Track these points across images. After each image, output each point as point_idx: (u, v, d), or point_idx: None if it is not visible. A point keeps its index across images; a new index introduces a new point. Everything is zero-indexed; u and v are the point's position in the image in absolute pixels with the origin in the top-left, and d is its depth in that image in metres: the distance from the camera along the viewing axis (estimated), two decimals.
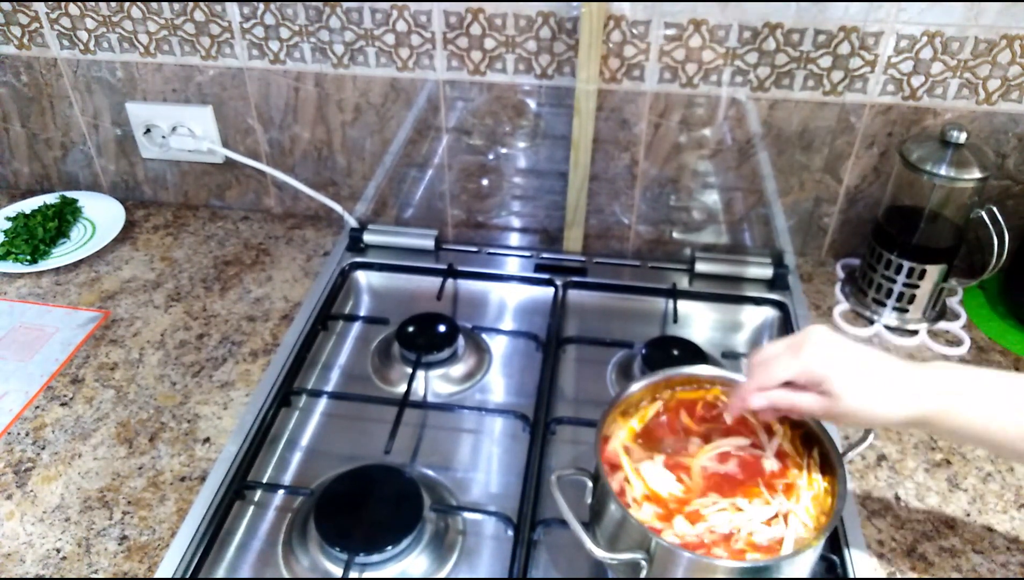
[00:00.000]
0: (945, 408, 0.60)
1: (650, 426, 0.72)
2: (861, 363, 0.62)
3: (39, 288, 1.08)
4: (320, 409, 0.92)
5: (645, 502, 0.65)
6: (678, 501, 0.65)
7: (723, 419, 0.72)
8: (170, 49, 1.10)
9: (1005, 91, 0.95)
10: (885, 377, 0.61)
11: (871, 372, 0.61)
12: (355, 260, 1.11)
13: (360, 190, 1.17)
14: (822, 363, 0.61)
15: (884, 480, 0.82)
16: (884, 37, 0.93)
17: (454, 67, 1.03)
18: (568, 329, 1.03)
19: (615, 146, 1.06)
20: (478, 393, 0.95)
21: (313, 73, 1.07)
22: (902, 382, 0.61)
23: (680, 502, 0.65)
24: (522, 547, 0.74)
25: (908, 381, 0.61)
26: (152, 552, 0.75)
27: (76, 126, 1.20)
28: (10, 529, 0.77)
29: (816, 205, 1.08)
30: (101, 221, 1.19)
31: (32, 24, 1.11)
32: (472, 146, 1.09)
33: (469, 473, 0.84)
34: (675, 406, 0.74)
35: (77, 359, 0.96)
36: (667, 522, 0.64)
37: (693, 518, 0.64)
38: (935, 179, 0.92)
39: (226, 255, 1.15)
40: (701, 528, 0.63)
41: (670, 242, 1.14)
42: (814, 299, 1.06)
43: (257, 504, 0.81)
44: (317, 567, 0.74)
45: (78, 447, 0.85)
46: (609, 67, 0.99)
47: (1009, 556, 0.75)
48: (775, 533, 0.63)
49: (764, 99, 1.00)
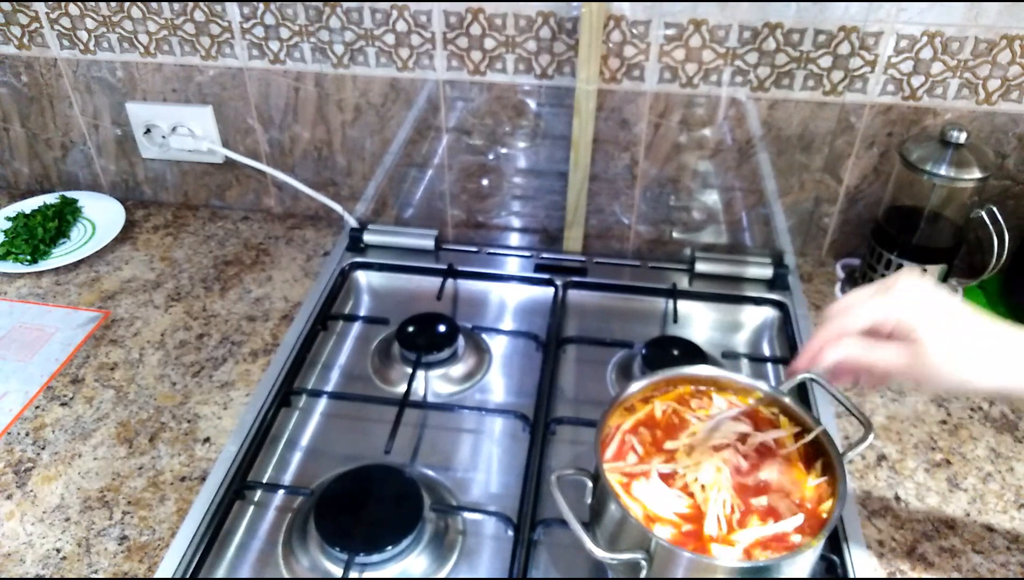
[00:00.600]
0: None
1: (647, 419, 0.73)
2: (955, 317, 0.55)
3: (39, 288, 1.08)
4: (320, 409, 0.92)
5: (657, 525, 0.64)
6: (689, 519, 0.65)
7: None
8: (170, 49, 1.10)
9: (1005, 91, 0.95)
10: (980, 337, 0.55)
11: (966, 330, 0.55)
12: (355, 260, 1.11)
13: (360, 190, 1.17)
14: (914, 308, 0.55)
15: (884, 480, 0.82)
16: (884, 37, 0.93)
17: (454, 67, 1.03)
18: (568, 329, 1.03)
19: (615, 146, 1.06)
20: (478, 393, 0.95)
21: (313, 73, 1.07)
22: (999, 346, 0.55)
23: (691, 520, 0.64)
24: (522, 547, 0.74)
25: (1005, 346, 0.55)
26: (152, 552, 0.75)
27: (76, 126, 1.20)
28: (10, 529, 0.77)
29: (816, 205, 1.08)
30: (101, 221, 1.19)
31: (32, 24, 1.11)
32: (472, 146, 1.09)
33: (469, 473, 0.84)
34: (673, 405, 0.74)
35: (77, 359, 0.96)
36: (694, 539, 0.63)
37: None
38: (935, 179, 0.92)
39: (226, 255, 1.15)
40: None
41: (670, 242, 1.14)
42: (814, 299, 1.06)
43: (257, 504, 0.81)
44: (317, 567, 0.74)
45: (78, 447, 0.85)
46: (609, 67, 0.99)
47: (1009, 556, 0.75)
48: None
49: (764, 99, 1.00)
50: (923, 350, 0.55)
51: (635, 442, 0.70)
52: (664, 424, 0.72)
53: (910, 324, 0.55)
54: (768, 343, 1.03)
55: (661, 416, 0.72)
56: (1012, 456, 0.85)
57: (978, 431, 0.87)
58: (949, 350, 0.55)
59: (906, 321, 0.55)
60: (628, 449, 0.69)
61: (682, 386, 0.75)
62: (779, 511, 0.64)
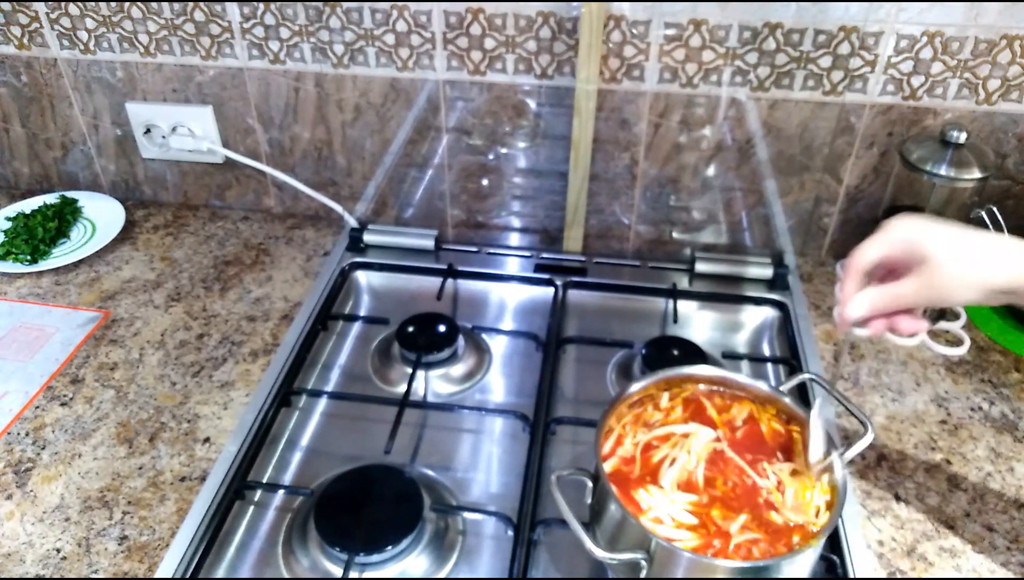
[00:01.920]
0: None
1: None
2: (954, 227, 0.59)
3: (39, 288, 1.08)
4: (320, 409, 0.92)
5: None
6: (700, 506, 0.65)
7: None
8: (170, 49, 1.10)
9: (1005, 91, 0.95)
10: (984, 238, 0.58)
11: (965, 234, 0.58)
12: (355, 260, 1.11)
13: (360, 190, 1.17)
14: (914, 231, 0.58)
15: (884, 480, 0.82)
16: (884, 37, 0.93)
17: (454, 67, 1.03)
18: (568, 329, 1.03)
19: (615, 146, 1.06)
20: (478, 393, 0.95)
21: (313, 73, 1.07)
22: (998, 243, 0.58)
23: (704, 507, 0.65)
24: (522, 547, 0.74)
25: (1010, 242, 0.58)
26: (152, 552, 0.75)
27: (76, 126, 1.20)
28: (10, 529, 0.77)
29: (816, 205, 1.08)
30: (101, 221, 1.19)
31: (32, 24, 1.11)
32: (472, 146, 1.09)
33: (469, 473, 0.84)
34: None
35: (77, 359, 0.96)
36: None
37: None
38: (935, 179, 0.92)
39: (226, 255, 1.15)
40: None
41: (670, 242, 1.14)
42: (814, 299, 1.06)
43: (257, 504, 0.81)
44: (317, 567, 0.74)
45: (78, 447, 0.85)
46: (609, 67, 0.99)
47: (1009, 556, 0.75)
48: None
49: (764, 99, 1.00)
50: (935, 262, 0.57)
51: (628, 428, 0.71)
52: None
53: (915, 246, 0.58)
54: (768, 343, 1.03)
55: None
56: (1012, 456, 0.85)
57: (978, 431, 0.87)
58: (958, 254, 0.57)
59: (912, 242, 0.58)
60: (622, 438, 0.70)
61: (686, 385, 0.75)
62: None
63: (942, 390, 0.93)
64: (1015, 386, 0.93)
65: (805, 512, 0.64)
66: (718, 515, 0.64)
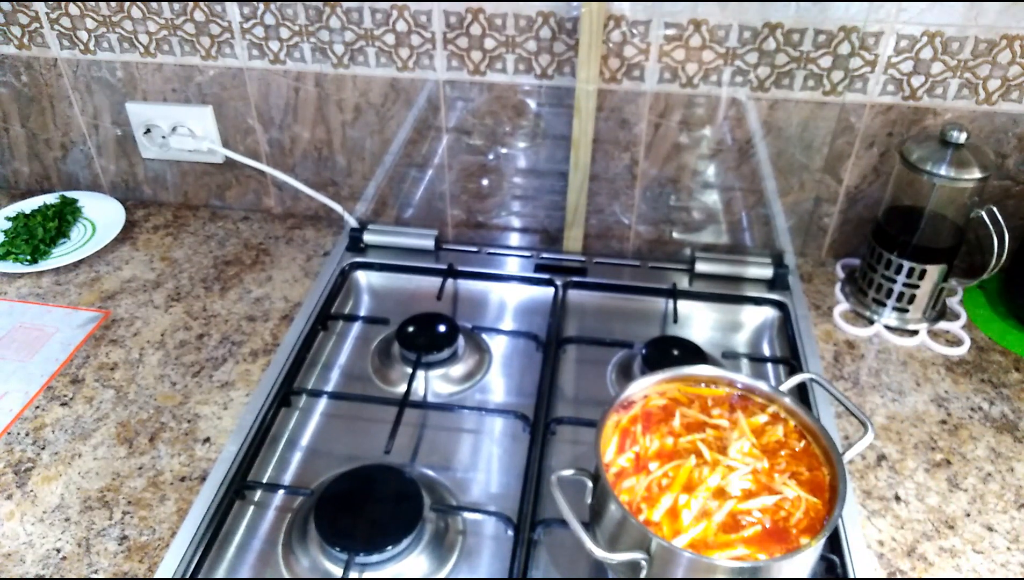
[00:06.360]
0: None
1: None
2: None
3: (39, 288, 1.08)
4: (320, 409, 0.92)
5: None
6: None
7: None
8: (170, 49, 1.10)
9: (1005, 91, 0.95)
10: None
11: None
12: (355, 260, 1.11)
13: (360, 190, 1.17)
14: None
15: (884, 480, 0.82)
16: (884, 37, 0.93)
17: (454, 67, 1.03)
18: (568, 329, 1.03)
19: (615, 146, 1.06)
20: (478, 393, 0.95)
21: (313, 73, 1.07)
22: None
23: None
24: (522, 547, 0.74)
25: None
26: (152, 552, 0.75)
27: (76, 126, 1.20)
28: (10, 529, 0.77)
29: (816, 205, 1.08)
30: (101, 221, 1.19)
31: (32, 24, 1.11)
32: (472, 146, 1.09)
33: (469, 473, 0.84)
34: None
35: (77, 359, 0.96)
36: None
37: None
38: (935, 179, 0.92)
39: (226, 255, 1.15)
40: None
41: (670, 242, 1.14)
42: (814, 299, 1.06)
43: (257, 504, 0.81)
44: (317, 567, 0.74)
45: (78, 447, 0.85)
46: (609, 67, 0.99)
47: (1009, 556, 0.75)
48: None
49: (764, 99, 1.00)
50: None
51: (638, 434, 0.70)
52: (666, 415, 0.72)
53: None
54: (768, 343, 1.03)
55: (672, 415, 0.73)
56: (1012, 456, 0.85)
57: (978, 431, 0.87)
58: None
59: None
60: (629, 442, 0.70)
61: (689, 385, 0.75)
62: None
63: (942, 390, 0.93)
64: (1015, 386, 0.93)
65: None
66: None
